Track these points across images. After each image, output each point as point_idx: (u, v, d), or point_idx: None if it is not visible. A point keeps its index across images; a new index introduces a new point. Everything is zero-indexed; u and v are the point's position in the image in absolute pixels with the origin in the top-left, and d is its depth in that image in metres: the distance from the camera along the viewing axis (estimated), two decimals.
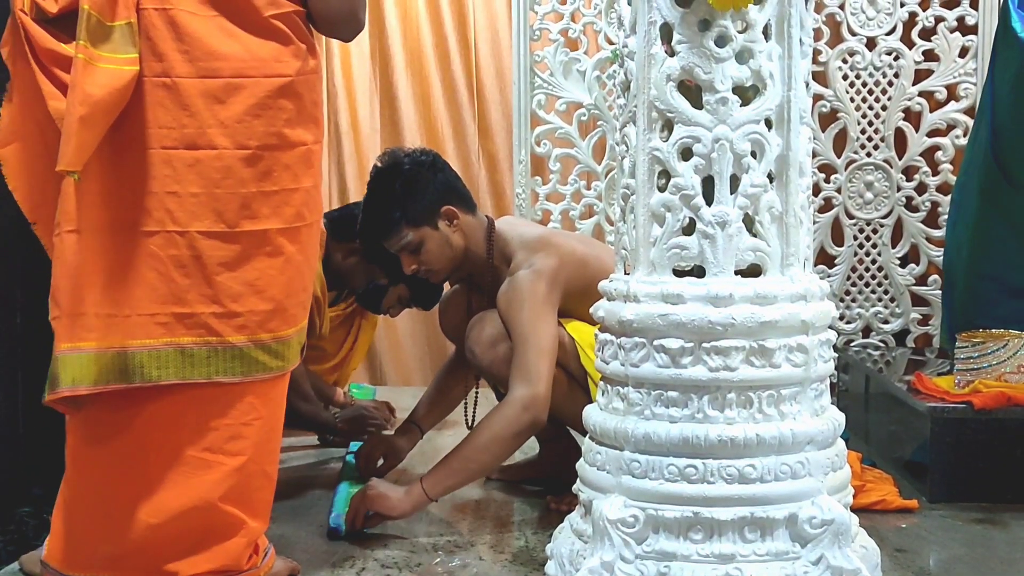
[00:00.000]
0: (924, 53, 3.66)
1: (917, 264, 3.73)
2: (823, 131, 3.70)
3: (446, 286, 2.73)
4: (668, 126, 1.67)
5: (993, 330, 2.64)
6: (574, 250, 2.38)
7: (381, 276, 3.06)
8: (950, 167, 3.65)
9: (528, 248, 2.37)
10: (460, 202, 2.44)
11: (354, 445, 2.92)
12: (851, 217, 3.74)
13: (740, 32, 1.64)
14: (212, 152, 1.71)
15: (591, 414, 1.78)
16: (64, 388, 1.67)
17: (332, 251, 3.08)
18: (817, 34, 3.60)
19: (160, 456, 1.74)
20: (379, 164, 2.46)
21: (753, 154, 1.65)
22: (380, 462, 2.63)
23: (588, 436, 1.79)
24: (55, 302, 1.68)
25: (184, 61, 1.70)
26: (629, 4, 1.73)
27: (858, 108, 3.70)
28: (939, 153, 3.67)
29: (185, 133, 1.70)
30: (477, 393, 2.66)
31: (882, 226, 3.74)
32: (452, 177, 2.48)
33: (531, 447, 2.60)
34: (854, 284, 3.78)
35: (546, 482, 2.56)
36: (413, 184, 2.39)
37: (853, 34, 3.68)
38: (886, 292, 3.76)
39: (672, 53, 1.66)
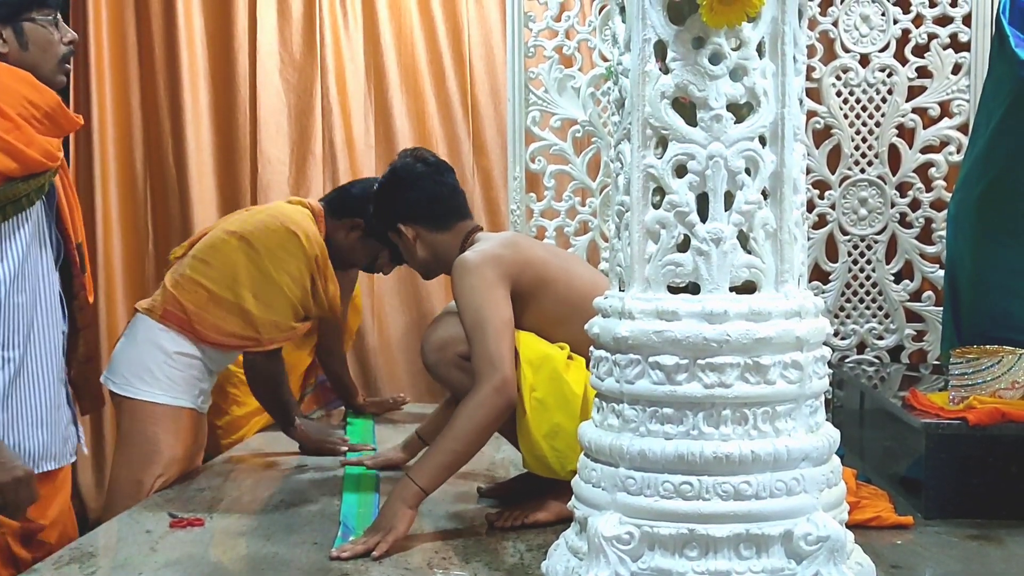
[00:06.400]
0: (917, 70, 3.67)
1: (911, 280, 3.74)
2: (817, 147, 3.71)
3: None
4: (662, 143, 1.67)
5: (988, 346, 2.64)
6: (534, 253, 2.40)
7: (382, 250, 3.18)
8: (944, 183, 3.66)
9: (487, 240, 2.42)
10: (425, 221, 2.49)
11: (351, 456, 3.06)
12: (845, 233, 3.75)
13: (734, 49, 1.64)
14: None
15: (586, 431, 1.77)
16: None
17: (333, 231, 3.17)
18: (811, 51, 3.62)
19: None
20: (396, 158, 2.63)
21: (747, 171, 1.65)
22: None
23: (583, 453, 1.79)
24: None
25: None
26: (623, 22, 1.73)
27: (852, 124, 3.71)
28: (933, 169, 3.68)
29: None
30: None
31: (876, 242, 3.74)
32: (428, 193, 2.51)
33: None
34: (848, 300, 3.78)
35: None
36: (383, 193, 2.54)
37: (847, 51, 3.70)
38: (880, 308, 3.77)
39: (666, 70, 1.66)
